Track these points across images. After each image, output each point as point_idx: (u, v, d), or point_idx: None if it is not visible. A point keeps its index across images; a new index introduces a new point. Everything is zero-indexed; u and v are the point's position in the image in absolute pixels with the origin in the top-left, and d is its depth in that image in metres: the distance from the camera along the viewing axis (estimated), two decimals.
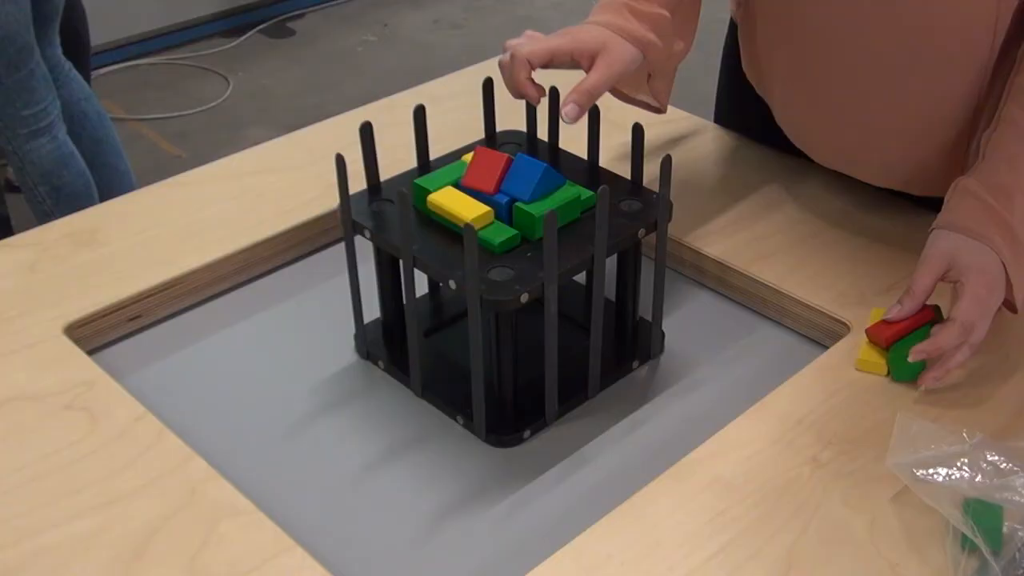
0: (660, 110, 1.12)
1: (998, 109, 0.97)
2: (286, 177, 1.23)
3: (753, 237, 1.12)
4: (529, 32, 0.99)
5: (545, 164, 0.91)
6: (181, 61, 3.63)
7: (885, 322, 0.95)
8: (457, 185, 0.93)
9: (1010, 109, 0.96)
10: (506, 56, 0.96)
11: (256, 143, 1.31)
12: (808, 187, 1.19)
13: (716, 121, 1.34)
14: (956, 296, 0.92)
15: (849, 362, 0.96)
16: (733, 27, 1.26)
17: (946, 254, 0.93)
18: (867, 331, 0.97)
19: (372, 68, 3.62)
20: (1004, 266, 0.92)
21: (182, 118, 3.28)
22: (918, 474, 0.80)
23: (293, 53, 3.73)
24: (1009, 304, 0.95)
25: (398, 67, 3.59)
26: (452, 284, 0.86)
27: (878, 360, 0.95)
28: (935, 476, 0.80)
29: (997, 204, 0.93)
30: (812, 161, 1.19)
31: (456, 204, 0.90)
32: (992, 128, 0.97)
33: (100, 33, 3.07)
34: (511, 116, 1.08)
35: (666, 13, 1.01)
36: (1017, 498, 0.78)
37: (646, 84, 1.08)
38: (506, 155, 0.92)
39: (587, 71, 0.96)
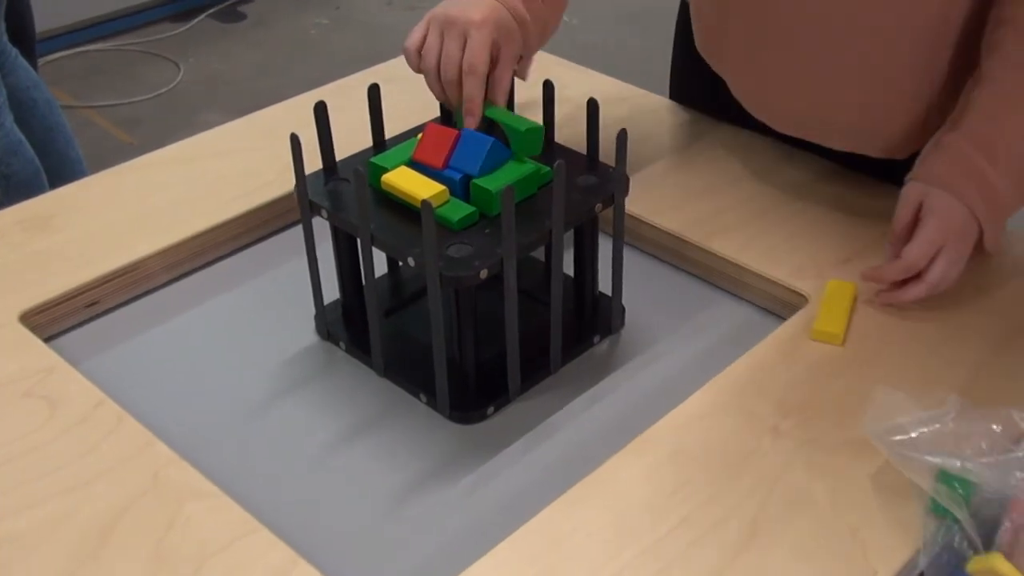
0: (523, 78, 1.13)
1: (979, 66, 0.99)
2: (241, 160, 1.22)
3: (710, 211, 1.13)
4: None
5: (492, 138, 0.91)
6: (130, 47, 3.60)
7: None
8: (410, 162, 0.93)
9: (989, 66, 0.98)
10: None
11: (209, 128, 1.30)
12: (764, 161, 1.21)
13: (671, 99, 1.35)
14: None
15: (807, 333, 0.97)
16: (684, 5, 1.27)
17: (919, 194, 0.98)
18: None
19: (326, 51, 3.60)
20: (975, 215, 0.96)
21: (133, 104, 3.25)
22: (894, 442, 0.81)
23: (245, 37, 3.71)
24: (979, 246, 0.99)
25: (352, 49, 3.57)
26: (411, 262, 0.87)
27: (834, 331, 0.96)
28: (911, 448, 0.81)
29: (977, 154, 0.96)
30: (768, 134, 1.21)
31: (410, 183, 0.90)
32: (971, 86, 0.99)
33: (46, 19, 3.04)
34: None
35: None
36: (984, 460, 0.79)
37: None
38: (456, 130, 0.93)
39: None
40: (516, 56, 1.01)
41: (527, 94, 1.07)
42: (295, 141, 0.89)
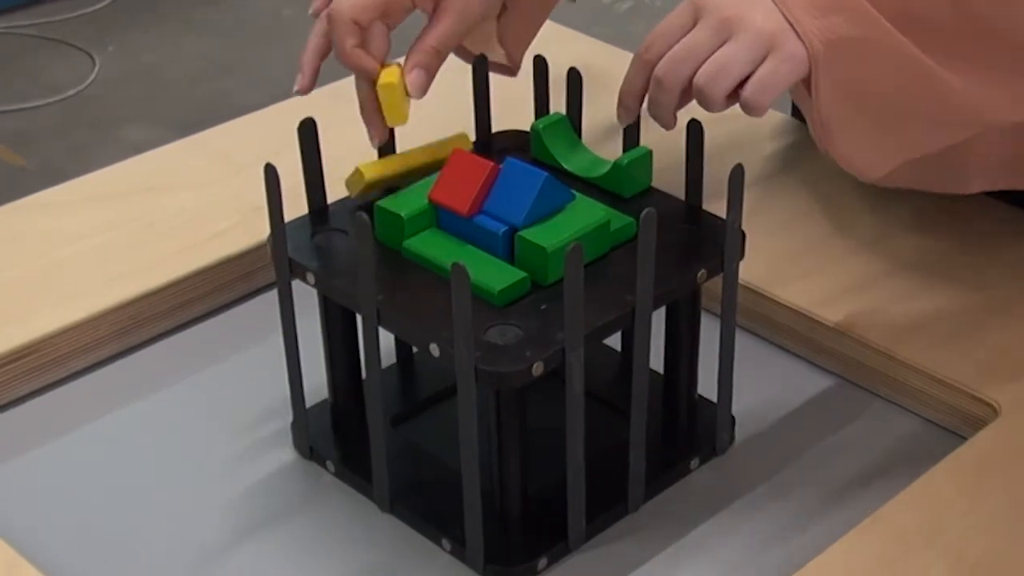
0: (512, 71, 1.15)
1: None
2: (189, 197, 1.24)
3: (855, 282, 1.13)
4: None
5: (545, 173, 0.92)
6: (23, 30, 3.66)
7: None
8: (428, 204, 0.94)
9: None
10: (321, 18, 1.03)
11: (138, 148, 1.32)
12: (930, 206, 1.21)
13: (794, 115, 1.36)
14: None
15: (998, 461, 0.97)
16: None
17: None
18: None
19: (301, 42, 3.64)
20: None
21: (27, 112, 3.30)
22: None
23: (188, 20, 3.76)
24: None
25: None
26: (434, 350, 0.87)
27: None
28: None
29: None
30: None
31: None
32: None
33: None
34: (512, 110, 1.08)
35: None
36: None
37: (494, 37, 1.11)
38: (489, 163, 0.93)
39: (430, 20, 1.01)
40: (468, 10, 1.02)
41: (599, 115, 1.07)
42: (270, 174, 0.89)
